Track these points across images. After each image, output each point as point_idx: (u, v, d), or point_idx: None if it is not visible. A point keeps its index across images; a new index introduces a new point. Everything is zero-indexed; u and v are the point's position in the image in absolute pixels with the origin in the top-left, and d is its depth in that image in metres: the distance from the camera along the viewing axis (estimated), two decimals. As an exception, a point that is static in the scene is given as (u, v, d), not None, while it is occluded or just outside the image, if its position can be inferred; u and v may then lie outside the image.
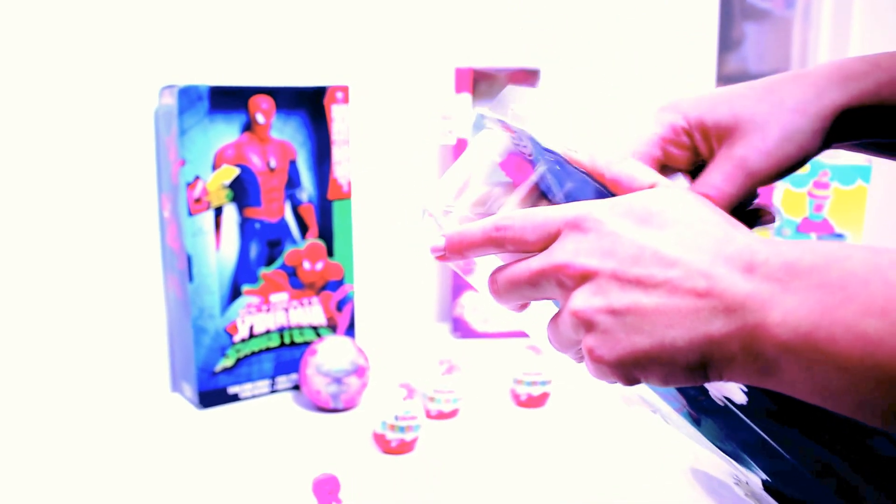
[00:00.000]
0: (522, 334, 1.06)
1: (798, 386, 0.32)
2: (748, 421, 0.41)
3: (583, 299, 0.37)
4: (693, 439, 0.45)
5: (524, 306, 0.45)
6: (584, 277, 0.37)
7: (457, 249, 0.43)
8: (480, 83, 1.10)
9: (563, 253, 0.38)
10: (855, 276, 0.31)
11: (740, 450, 0.42)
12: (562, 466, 0.72)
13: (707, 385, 0.42)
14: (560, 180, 0.44)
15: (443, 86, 1.11)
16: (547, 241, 0.40)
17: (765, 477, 0.42)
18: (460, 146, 1.04)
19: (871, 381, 0.30)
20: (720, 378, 0.35)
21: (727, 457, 0.43)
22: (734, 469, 0.43)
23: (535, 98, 0.47)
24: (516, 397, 0.85)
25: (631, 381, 0.37)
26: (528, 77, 1.11)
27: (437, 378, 0.83)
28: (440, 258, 0.44)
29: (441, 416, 0.82)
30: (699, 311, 0.34)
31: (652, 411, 0.47)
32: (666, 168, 0.49)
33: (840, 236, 0.88)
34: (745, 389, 0.40)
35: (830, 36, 1.66)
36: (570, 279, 0.38)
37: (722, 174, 0.45)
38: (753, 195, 0.47)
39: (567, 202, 0.43)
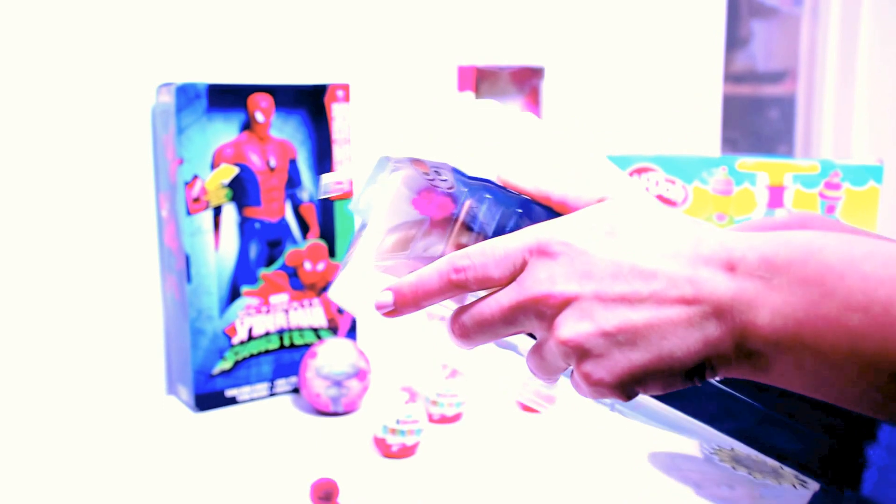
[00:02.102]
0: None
1: (790, 380, 0.34)
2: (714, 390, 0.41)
3: (570, 327, 0.36)
4: (663, 422, 0.44)
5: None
6: (566, 304, 0.36)
7: (411, 301, 0.40)
8: (483, 81, 1.08)
9: (536, 283, 0.37)
10: (831, 269, 0.32)
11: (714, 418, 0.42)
12: (565, 471, 0.71)
13: None
14: (491, 209, 0.41)
15: (445, 84, 1.10)
16: (514, 273, 0.38)
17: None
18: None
19: (856, 373, 0.31)
20: (716, 377, 0.36)
21: (703, 427, 0.43)
22: (711, 438, 0.43)
23: (458, 125, 0.44)
24: (520, 401, 0.84)
25: (631, 396, 0.36)
26: (531, 75, 1.10)
27: (440, 382, 0.82)
28: (389, 314, 0.41)
29: (444, 420, 0.81)
30: (691, 319, 0.34)
31: (610, 408, 0.46)
32: None
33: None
34: None
35: (838, 34, 1.64)
36: (550, 308, 0.36)
37: None
38: None
39: (505, 232, 0.40)
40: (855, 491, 0.39)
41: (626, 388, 0.36)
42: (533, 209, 0.41)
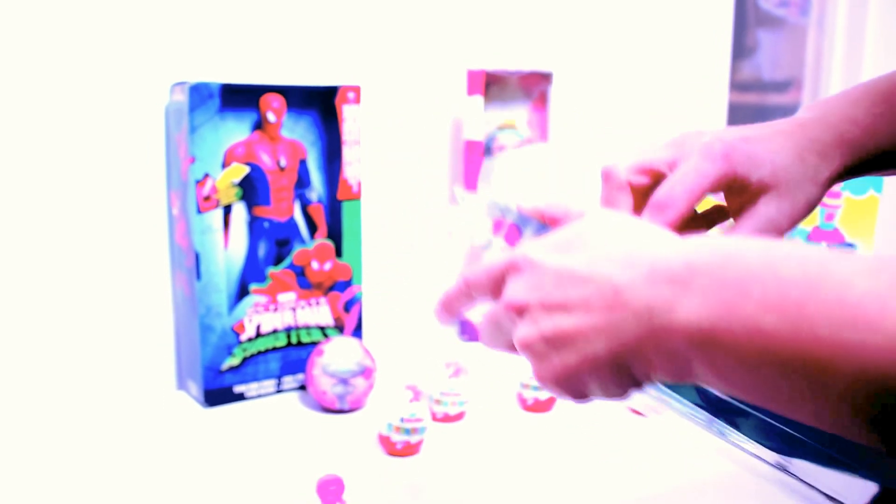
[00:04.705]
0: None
1: (711, 381, 0.34)
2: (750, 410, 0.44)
3: (521, 330, 0.41)
4: (728, 439, 0.46)
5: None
6: (521, 311, 0.41)
7: (446, 309, 0.48)
8: (492, 86, 1.09)
9: (506, 293, 0.42)
10: (750, 272, 0.32)
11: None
12: (568, 471, 0.71)
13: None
14: (532, 231, 0.51)
15: (454, 87, 1.11)
16: (499, 285, 0.44)
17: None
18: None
19: (773, 375, 0.31)
20: (649, 380, 0.37)
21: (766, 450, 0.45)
22: (773, 457, 0.45)
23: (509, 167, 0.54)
24: (523, 401, 0.85)
25: (577, 395, 0.40)
26: (540, 80, 1.11)
27: (443, 381, 0.82)
28: (440, 319, 0.50)
29: (447, 418, 0.82)
30: (611, 323, 0.36)
31: (687, 418, 0.48)
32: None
33: (851, 245, 0.87)
34: None
35: (845, 44, 1.65)
36: (515, 314, 0.41)
37: (755, 231, 0.48)
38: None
39: None
40: None
41: (564, 387, 0.40)
42: (546, 228, 0.49)
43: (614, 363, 0.37)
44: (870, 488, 0.42)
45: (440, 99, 1.11)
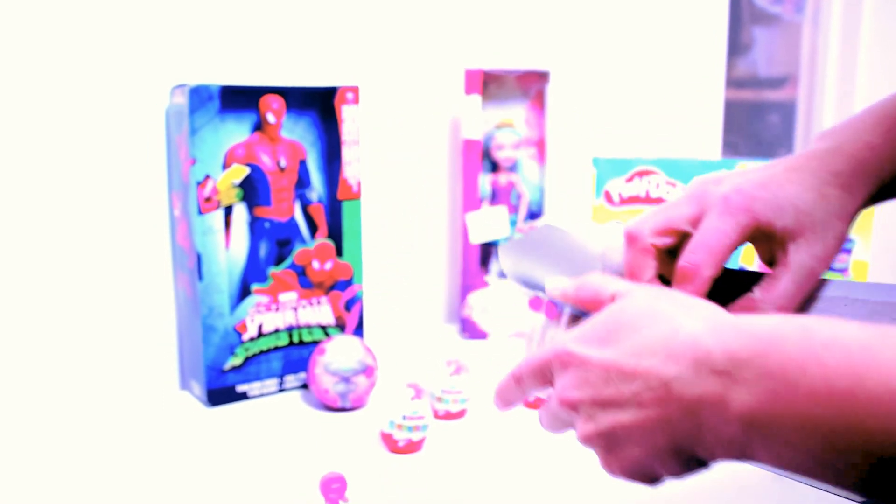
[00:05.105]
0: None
1: (768, 462, 0.35)
2: None
3: (580, 427, 0.42)
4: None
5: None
6: (574, 407, 0.42)
7: (502, 400, 0.51)
8: (490, 85, 1.10)
9: (558, 390, 0.43)
10: (794, 362, 0.33)
11: None
12: (568, 468, 0.72)
13: None
14: (558, 306, 0.53)
15: (452, 87, 1.12)
16: (546, 377, 0.45)
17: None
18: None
19: (825, 457, 0.33)
20: (714, 460, 0.38)
21: None
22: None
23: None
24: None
25: (648, 482, 0.42)
26: (537, 79, 1.12)
27: (444, 378, 0.83)
28: (498, 408, 0.52)
29: (448, 416, 0.83)
30: (665, 417, 0.38)
31: None
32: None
33: (849, 240, 0.88)
34: None
35: (839, 41, 1.66)
36: (569, 409, 0.43)
37: (795, 284, 0.47)
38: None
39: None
40: None
41: (635, 477, 0.41)
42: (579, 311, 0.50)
43: (675, 451, 0.38)
44: None
45: (438, 98, 1.12)
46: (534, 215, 1.14)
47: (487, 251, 1.13)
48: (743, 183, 0.48)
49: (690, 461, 0.39)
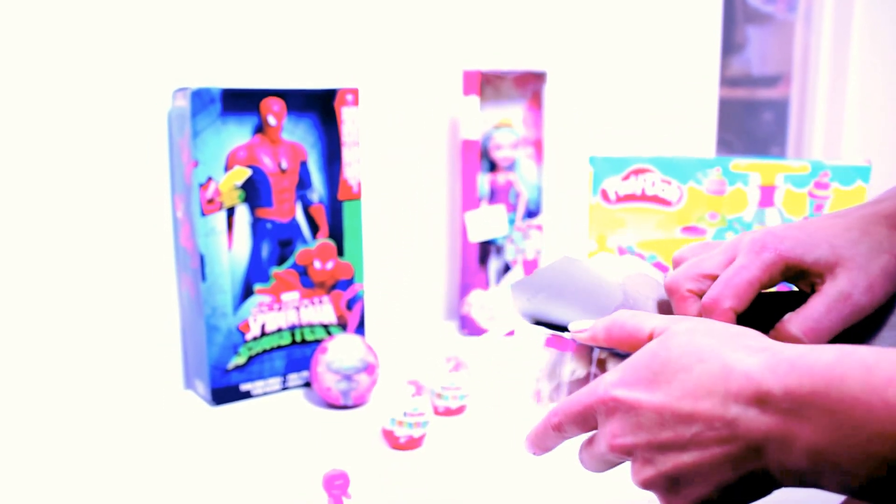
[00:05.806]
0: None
1: (833, 490, 0.36)
2: None
3: (639, 472, 0.42)
4: None
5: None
6: (629, 453, 0.42)
7: (537, 445, 0.49)
8: (488, 86, 1.11)
9: (608, 437, 0.43)
10: (857, 400, 0.34)
11: None
12: (569, 464, 0.73)
13: None
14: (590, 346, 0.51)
15: (451, 88, 1.13)
16: (588, 422, 0.45)
17: None
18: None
19: (879, 489, 0.34)
20: (779, 488, 0.39)
21: None
22: None
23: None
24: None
25: None
26: (534, 79, 1.13)
27: (444, 375, 0.84)
28: (531, 453, 0.50)
29: (448, 412, 0.84)
30: (732, 455, 0.38)
31: None
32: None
33: None
34: None
35: (832, 39, 1.67)
36: (622, 454, 0.43)
37: (825, 306, 0.46)
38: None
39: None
40: None
41: None
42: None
43: (744, 484, 0.39)
44: None
45: (437, 99, 1.13)
46: (532, 214, 1.15)
47: (486, 249, 1.14)
48: (778, 227, 0.48)
49: (754, 491, 0.40)
